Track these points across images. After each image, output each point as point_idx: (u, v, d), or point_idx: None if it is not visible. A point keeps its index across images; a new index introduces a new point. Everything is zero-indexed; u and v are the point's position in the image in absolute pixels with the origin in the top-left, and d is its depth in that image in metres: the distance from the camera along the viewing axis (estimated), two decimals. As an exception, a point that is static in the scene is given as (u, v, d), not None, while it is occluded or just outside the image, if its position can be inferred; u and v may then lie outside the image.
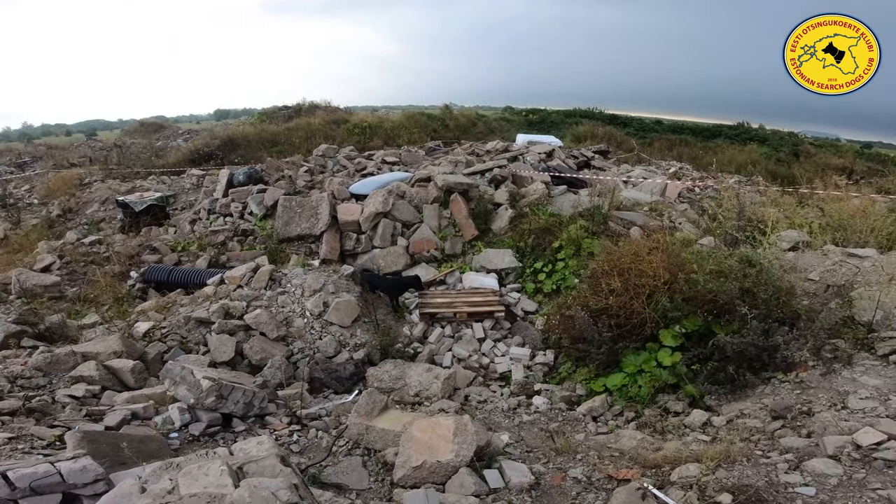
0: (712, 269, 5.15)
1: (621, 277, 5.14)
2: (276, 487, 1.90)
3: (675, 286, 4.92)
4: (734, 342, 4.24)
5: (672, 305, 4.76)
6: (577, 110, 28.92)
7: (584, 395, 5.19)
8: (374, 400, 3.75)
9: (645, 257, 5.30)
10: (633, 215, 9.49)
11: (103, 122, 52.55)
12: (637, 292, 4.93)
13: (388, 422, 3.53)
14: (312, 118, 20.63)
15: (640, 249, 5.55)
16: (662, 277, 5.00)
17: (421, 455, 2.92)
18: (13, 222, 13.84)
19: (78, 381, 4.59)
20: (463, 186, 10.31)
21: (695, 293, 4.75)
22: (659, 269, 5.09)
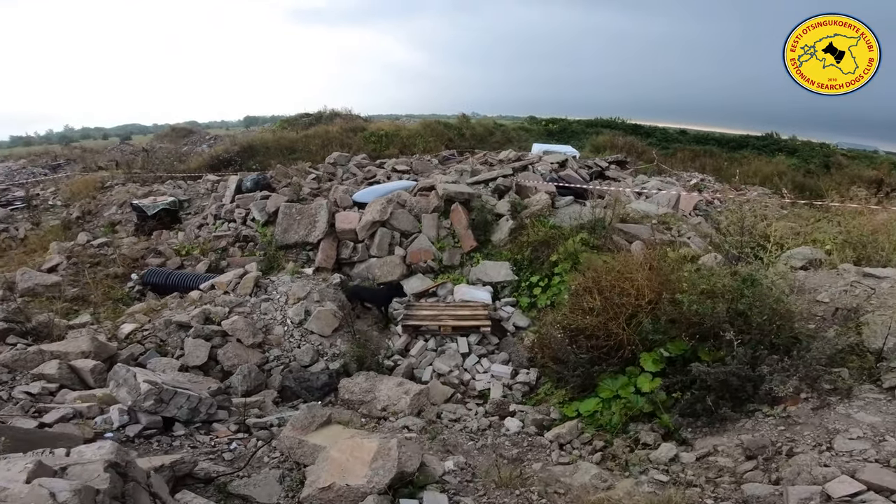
0: (704, 289, 4.78)
1: (602, 296, 4.84)
2: (60, 489, 1.81)
3: (661, 307, 4.58)
4: (713, 371, 3.88)
5: (654, 328, 4.43)
6: (599, 120, 28.40)
7: (557, 420, 4.88)
8: (313, 414, 3.57)
9: (629, 275, 4.98)
10: (639, 228, 9.09)
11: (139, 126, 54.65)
12: (617, 312, 4.62)
13: (323, 437, 3.34)
14: (331, 126, 20.84)
15: (626, 266, 5.22)
16: (646, 297, 4.67)
17: (331, 476, 2.71)
18: (34, 223, 14.33)
19: (39, 378, 4.59)
20: (464, 196, 10.11)
21: (680, 315, 4.40)
22: (643, 288, 4.76)
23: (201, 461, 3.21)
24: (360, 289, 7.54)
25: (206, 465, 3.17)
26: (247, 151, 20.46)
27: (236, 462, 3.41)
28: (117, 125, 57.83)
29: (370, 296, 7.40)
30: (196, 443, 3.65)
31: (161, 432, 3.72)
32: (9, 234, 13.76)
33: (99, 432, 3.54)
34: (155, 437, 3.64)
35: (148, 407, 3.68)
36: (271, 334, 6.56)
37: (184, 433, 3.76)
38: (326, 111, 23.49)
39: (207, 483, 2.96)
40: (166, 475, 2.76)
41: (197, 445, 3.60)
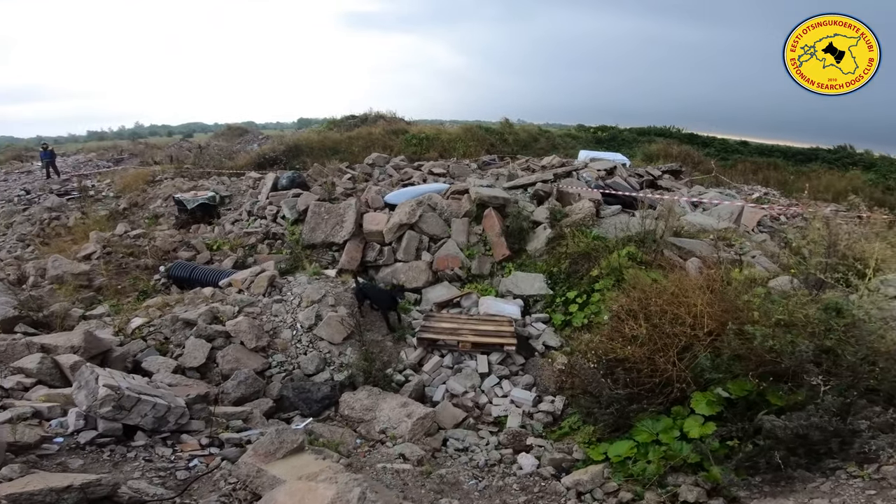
0: (780, 320, 3.87)
1: (649, 322, 4.02)
2: None
3: (723, 339, 3.72)
4: (790, 425, 3.00)
5: (712, 364, 3.57)
6: (652, 128, 26.87)
7: (580, 462, 4.08)
8: (281, 439, 3.00)
9: (685, 298, 4.13)
10: (695, 244, 8.07)
11: (202, 125, 57.37)
12: (667, 343, 3.79)
13: (288, 468, 2.76)
14: (374, 128, 20.72)
15: (682, 288, 4.37)
16: (706, 326, 3.82)
17: None
18: (83, 212, 14.83)
19: (18, 372, 4.29)
20: (499, 201, 9.41)
21: (749, 350, 3.53)
22: (703, 316, 3.90)
23: (137, 481, 2.72)
24: (368, 287, 7.02)
25: (141, 485, 2.67)
26: (292, 151, 20.63)
27: (189, 482, 2.89)
28: (182, 123, 61.10)
29: (375, 296, 6.86)
30: (153, 456, 3.17)
31: (118, 441, 3.27)
32: (60, 221, 14.31)
33: (48, 436, 3.12)
34: (109, 446, 3.19)
35: (105, 413, 3.24)
36: (278, 338, 6.10)
37: (143, 444, 3.30)
38: (371, 113, 23.44)
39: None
40: (73, 498, 2.27)
41: (153, 459, 3.12)
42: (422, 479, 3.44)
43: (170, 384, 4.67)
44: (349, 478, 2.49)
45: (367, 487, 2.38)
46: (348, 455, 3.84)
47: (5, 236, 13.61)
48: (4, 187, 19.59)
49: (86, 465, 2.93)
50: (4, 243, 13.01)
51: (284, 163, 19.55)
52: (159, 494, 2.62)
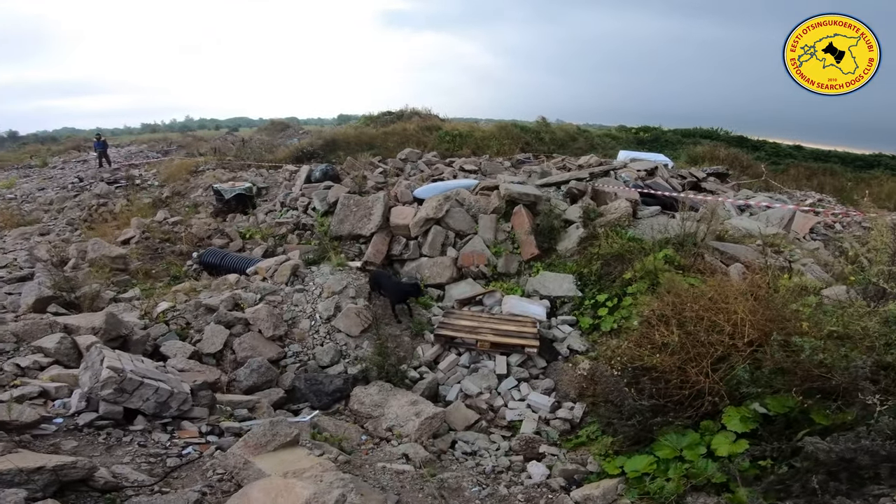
0: (833, 332, 3.44)
1: (683, 329, 3.66)
2: None
3: (765, 350, 3.33)
4: (835, 447, 2.60)
5: (751, 377, 3.19)
6: (697, 130, 25.65)
7: (593, 475, 3.76)
8: (275, 431, 2.86)
9: (725, 305, 3.74)
10: (739, 248, 7.51)
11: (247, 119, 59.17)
12: (701, 352, 3.42)
13: (276, 462, 2.62)
14: (408, 124, 20.71)
15: (722, 293, 3.97)
16: (746, 336, 3.43)
17: None
18: (129, 199, 15.45)
19: (37, 351, 4.36)
20: (529, 198, 9.10)
21: (795, 364, 3.13)
22: (744, 324, 3.52)
23: (122, 466, 2.64)
24: (381, 276, 6.87)
25: (125, 470, 2.59)
26: (329, 145, 20.90)
27: (179, 471, 2.80)
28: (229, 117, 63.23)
29: (388, 287, 6.70)
30: (148, 441, 3.11)
31: (117, 425, 3.23)
32: (106, 207, 14.96)
33: (48, 417, 3.11)
34: (107, 429, 3.15)
35: (106, 395, 3.20)
36: (296, 328, 6.05)
37: (142, 428, 3.25)
38: (407, 110, 23.46)
39: (103, 493, 2.36)
40: (45, 479, 2.19)
41: (147, 445, 3.05)
42: (421, 482, 3.24)
43: (182, 369, 4.67)
44: (335, 477, 2.32)
45: (353, 489, 2.20)
46: (350, 452, 3.68)
47: (56, 220, 14.35)
48: (61, 175, 20.75)
49: (79, 447, 2.89)
50: (55, 226, 13.72)
51: (321, 157, 19.82)
52: (140, 481, 2.53)
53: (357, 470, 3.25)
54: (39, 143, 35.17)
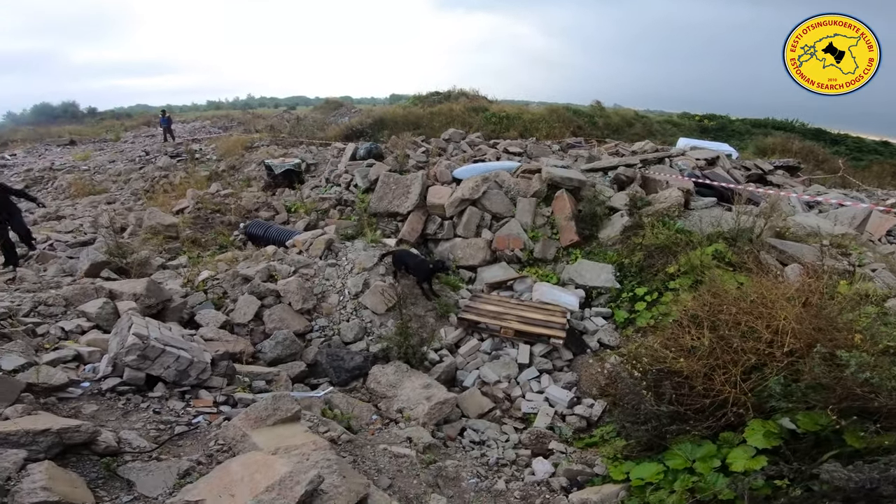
0: (889, 347, 3.03)
1: (715, 332, 3.34)
2: None
3: (806, 363, 2.97)
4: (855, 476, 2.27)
5: (784, 391, 2.85)
6: (769, 121, 23.67)
7: (598, 478, 3.55)
8: (276, 406, 2.86)
9: (768, 309, 3.38)
10: (801, 248, 6.85)
11: (304, 98, 60.52)
12: (732, 359, 3.11)
13: (272, 437, 2.62)
14: (455, 105, 20.45)
15: (767, 296, 3.59)
16: (787, 345, 3.08)
17: (207, 493, 1.98)
18: (188, 172, 16.27)
19: (81, 315, 4.62)
20: (573, 183, 8.72)
21: (835, 380, 2.77)
22: (786, 331, 3.16)
23: (128, 431, 2.73)
24: (406, 255, 6.72)
25: (130, 436, 2.68)
26: (377, 124, 21.06)
27: (185, 437, 2.88)
28: (288, 96, 64.94)
29: (413, 265, 6.56)
30: (163, 409, 3.22)
31: (138, 391, 3.36)
32: (167, 179, 15.84)
33: (76, 380, 3.28)
34: (127, 394, 3.29)
35: (130, 362, 3.33)
36: (325, 302, 6.13)
37: (160, 395, 3.36)
38: (455, 91, 23.15)
39: (102, 457, 2.45)
40: (48, 441, 2.29)
41: (161, 412, 3.16)
42: (419, 468, 3.18)
43: (210, 338, 4.82)
44: (321, 457, 2.29)
45: (336, 470, 2.16)
46: (356, 431, 3.68)
47: (122, 190, 15.37)
48: (130, 148, 22.18)
49: (98, 411, 3.02)
50: (121, 196, 14.70)
51: (369, 135, 20.01)
52: (141, 447, 2.61)
53: (358, 450, 3.24)
54: (115, 119, 37.71)
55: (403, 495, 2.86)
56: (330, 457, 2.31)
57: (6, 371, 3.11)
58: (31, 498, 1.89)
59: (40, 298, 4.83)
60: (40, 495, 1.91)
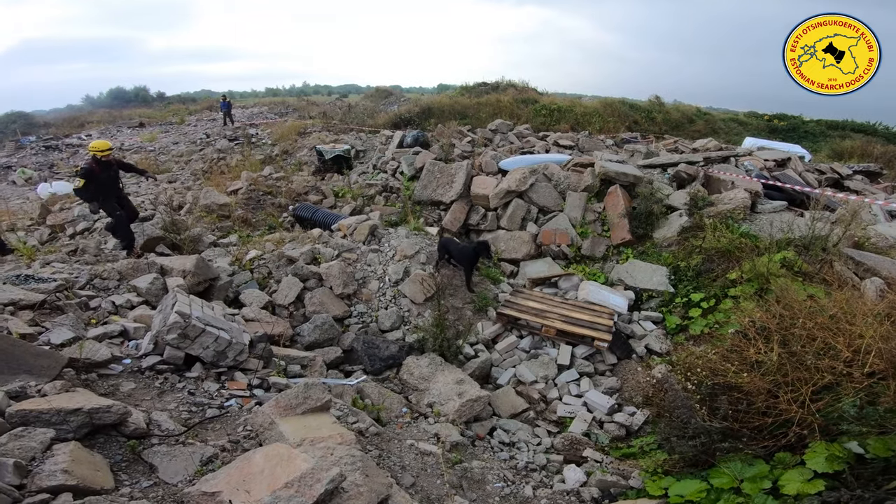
0: None
1: (785, 348, 2.98)
2: None
3: (889, 385, 2.59)
4: None
5: (859, 414, 2.49)
6: (848, 123, 21.72)
7: (632, 492, 3.26)
8: (307, 394, 2.78)
9: (849, 326, 2.98)
10: (881, 261, 6.17)
11: (356, 86, 61.48)
12: (802, 377, 2.75)
13: (300, 427, 2.54)
14: (503, 95, 20.06)
15: (848, 311, 3.19)
16: (869, 365, 2.70)
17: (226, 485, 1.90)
18: (244, 155, 16.82)
19: (132, 290, 4.75)
20: (628, 178, 8.27)
21: None
22: (868, 351, 2.77)
23: (160, 413, 2.73)
24: (450, 242, 6.53)
25: (161, 417, 2.67)
26: (425, 113, 21.01)
27: (217, 420, 2.86)
28: (341, 84, 66.19)
29: (457, 252, 6.36)
30: (198, 390, 3.22)
31: (176, 370, 3.39)
32: (224, 161, 16.43)
33: (119, 357, 3.34)
34: (165, 373, 3.32)
35: (171, 340, 3.36)
36: (365, 287, 6.09)
37: (196, 376, 3.38)
38: (503, 82, 22.69)
39: (130, 439, 2.44)
40: (78, 421, 2.30)
41: (195, 393, 3.17)
42: (444, 467, 3.03)
43: (251, 319, 4.86)
44: (345, 452, 2.18)
45: (360, 468, 2.05)
46: (385, 423, 3.58)
47: (183, 170, 16.09)
48: (193, 131, 23.25)
49: (135, 389, 3.05)
50: (181, 175, 15.39)
51: (417, 123, 20.00)
52: (169, 430, 2.60)
53: (385, 444, 3.14)
54: (181, 103, 39.68)
55: (426, 496, 2.73)
56: (354, 453, 2.20)
57: (54, 345, 3.20)
58: (49, 480, 1.88)
59: (96, 271, 5.03)
60: (59, 478, 1.90)
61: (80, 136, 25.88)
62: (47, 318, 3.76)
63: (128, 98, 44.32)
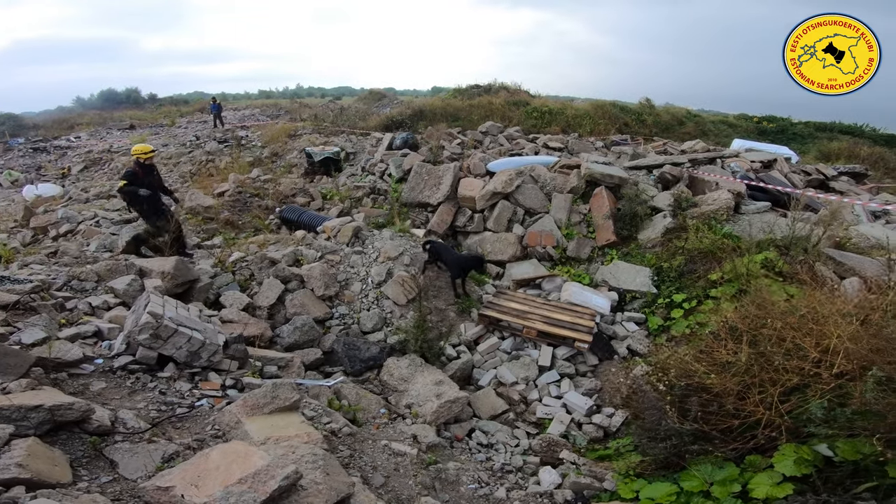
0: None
1: (755, 348, 3.00)
2: None
3: (857, 386, 2.61)
4: None
5: (826, 416, 2.51)
6: (836, 124, 22.00)
7: (605, 494, 3.27)
8: (275, 394, 2.77)
9: (820, 325, 3.01)
10: (862, 261, 6.23)
11: (350, 89, 61.39)
12: (771, 378, 2.77)
13: (264, 426, 2.53)
14: (495, 98, 20.12)
15: (820, 310, 3.21)
16: (838, 365, 2.72)
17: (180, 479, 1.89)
18: (233, 157, 16.75)
19: (109, 291, 4.71)
20: (613, 180, 8.31)
21: (888, 406, 2.40)
22: (838, 350, 2.80)
23: (126, 411, 2.71)
24: (441, 247, 6.47)
25: (127, 415, 2.65)
26: (417, 115, 21.02)
27: (185, 419, 2.84)
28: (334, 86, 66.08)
29: (448, 258, 6.31)
30: (170, 389, 3.20)
31: (149, 370, 3.37)
32: (213, 164, 16.36)
33: (91, 357, 3.31)
34: (137, 373, 3.29)
35: (142, 340, 3.34)
36: (348, 289, 6.07)
37: (169, 376, 3.35)
38: (496, 84, 22.76)
39: (91, 435, 2.42)
40: (39, 418, 2.28)
41: (166, 392, 3.14)
42: (418, 468, 3.02)
43: (229, 320, 4.83)
44: (308, 450, 2.17)
45: (321, 466, 2.04)
46: (361, 424, 3.57)
47: (171, 172, 16.00)
48: (183, 133, 23.14)
49: (106, 388, 3.02)
50: (169, 178, 15.31)
51: (409, 126, 20.00)
52: (135, 427, 2.58)
53: (358, 444, 3.12)
54: (173, 105, 39.45)
55: (395, 496, 2.72)
56: (317, 452, 2.19)
57: (25, 345, 3.16)
58: (3, 474, 1.86)
59: (74, 273, 4.98)
60: (13, 471, 1.88)
61: (68, 137, 25.69)
62: (20, 319, 3.73)
63: (119, 99, 43.98)
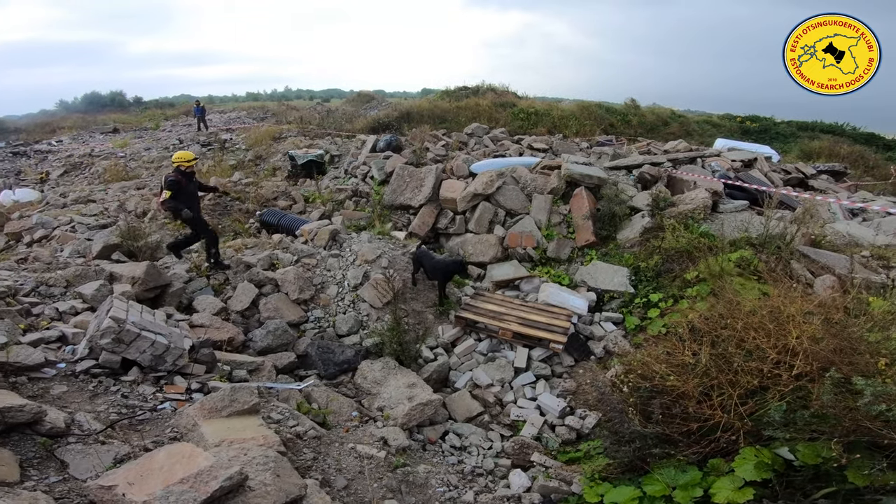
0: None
1: (715, 349, 3.02)
2: None
3: (817, 388, 2.63)
4: None
5: (785, 419, 2.52)
6: (818, 124, 22.35)
7: (573, 498, 3.27)
8: (233, 398, 2.74)
9: (780, 325, 3.03)
10: (836, 258, 6.32)
11: (339, 91, 61.09)
12: (730, 380, 2.78)
13: (220, 429, 2.51)
14: (482, 99, 20.15)
15: (782, 309, 3.24)
16: (797, 367, 2.74)
17: (123, 478, 1.88)
18: (216, 161, 16.60)
19: (77, 297, 4.64)
20: (592, 181, 8.35)
21: (846, 410, 2.42)
22: (798, 351, 2.82)
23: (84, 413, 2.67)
24: (424, 255, 6.36)
25: (84, 418, 2.61)
26: (404, 117, 20.96)
27: (145, 423, 2.80)
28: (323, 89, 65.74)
29: (430, 265, 6.22)
30: (132, 393, 3.16)
31: (112, 374, 3.32)
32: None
33: (53, 361, 3.25)
34: (100, 377, 3.24)
35: (105, 344, 3.30)
36: (324, 293, 6.03)
37: (132, 380, 3.31)
38: (484, 86, 22.81)
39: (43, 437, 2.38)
40: None
41: (129, 396, 3.10)
42: (384, 471, 3.00)
43: (200, 325, 4.76)
44: (260, 453, 2.15)
45: (272, 468, 2.02)
46: (330, 427, 3.54)
47: (153, 176, 15.81)
48: (167, 137, 22.89)
49: (67, 392, 2.98)
50: (150, 182, 15.12)
51: (395, 128, 19.94)
52: (89, 430, 2.54)
53: (324, 447, 3.10)
54: (158, 108, 38.99)
55: (357, 499, 2.69)
56: (269, 454, 2.17)
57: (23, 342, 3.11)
58: None
59: (43, 278, 4.90)
60: None
61: (50, 141, 25.30)
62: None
63: (103, 103, 43.36)
